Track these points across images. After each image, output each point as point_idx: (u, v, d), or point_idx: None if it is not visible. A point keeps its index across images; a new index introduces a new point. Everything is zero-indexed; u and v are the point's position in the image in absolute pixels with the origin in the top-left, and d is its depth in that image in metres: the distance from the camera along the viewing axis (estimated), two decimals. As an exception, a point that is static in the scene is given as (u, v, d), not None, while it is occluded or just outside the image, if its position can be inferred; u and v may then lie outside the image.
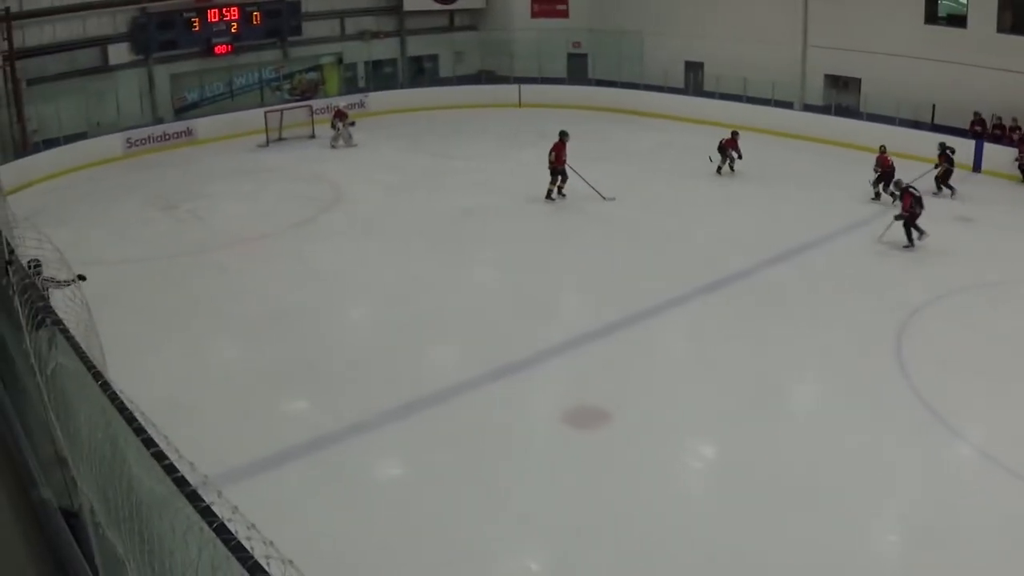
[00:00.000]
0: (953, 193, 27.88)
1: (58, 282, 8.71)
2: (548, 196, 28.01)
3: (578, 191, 28.24)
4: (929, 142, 30.97)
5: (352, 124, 36.60)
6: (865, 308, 19.27)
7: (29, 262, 9.00)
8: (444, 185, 29.95)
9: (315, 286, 21.36)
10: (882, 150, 28.28)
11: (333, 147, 36.08)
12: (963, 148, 30.51)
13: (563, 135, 27.91)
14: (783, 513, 12.44)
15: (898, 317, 18.64)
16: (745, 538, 11.90)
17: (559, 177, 27.87)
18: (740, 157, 30.81)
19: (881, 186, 27.26)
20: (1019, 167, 29.56)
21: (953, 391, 15.67)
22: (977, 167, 30.41)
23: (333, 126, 36.25)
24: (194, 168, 33.02)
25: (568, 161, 27.69)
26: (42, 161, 31.68)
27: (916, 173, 27.18)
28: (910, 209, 23.27)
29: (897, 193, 24.04)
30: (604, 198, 27.76)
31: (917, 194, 23.54)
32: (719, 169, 31.02)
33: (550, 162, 27.83)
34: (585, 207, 26.89)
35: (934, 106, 32.37)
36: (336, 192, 29.51)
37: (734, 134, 31.42)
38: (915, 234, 23.32)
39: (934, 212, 24.49)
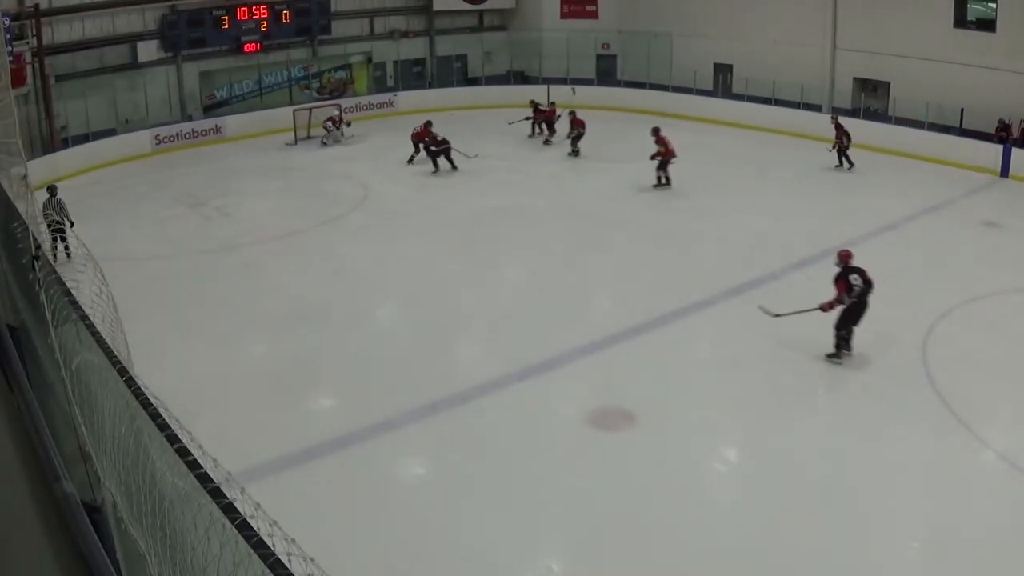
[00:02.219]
0: (549, 134, 36.05)
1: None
2: (409, 161, 32.86)
3: (608, 191, 28.29)
4: (958, 146, 31.00)
5: (348, 124, 37.59)
6: (891, 311, 19.12)
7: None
8: (472, 185, 29.97)
9: (342, 284, 21.42)
10: (572, 113, 34.67)
11: (324, 144, 36.55)
12: (990, 154, 30.42)
13: (428, 124, 32.86)
14: (806, 516, 12.38)
15: (924, 321, 18.53)
16: (768, 541, 11.85)
17: (418, 148, 32.56)
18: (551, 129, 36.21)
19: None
20: (837, 153, 31.35)
21: (978, 397, 15.57)
22: (1004, 172, 30.21)
23: (326, 127, 36.69)
24: (222, 165, 33.14)
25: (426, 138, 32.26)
26: (70, 157, 31.85)
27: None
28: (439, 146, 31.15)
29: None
30: (468, 156, 32.06)
31: (440, 137, 31.33)
32: (537, 135, 36.80)
33: (412, 135, 32.90)
34: (612, 209, 26.86)
35: (962, 110, 32.20)
36: (364, 191, 29.55)
37: (552, 104, 37.25)
38: (447, 165, 31.35)
39: (955, 217, 24.57)
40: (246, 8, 39.85)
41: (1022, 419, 15.15)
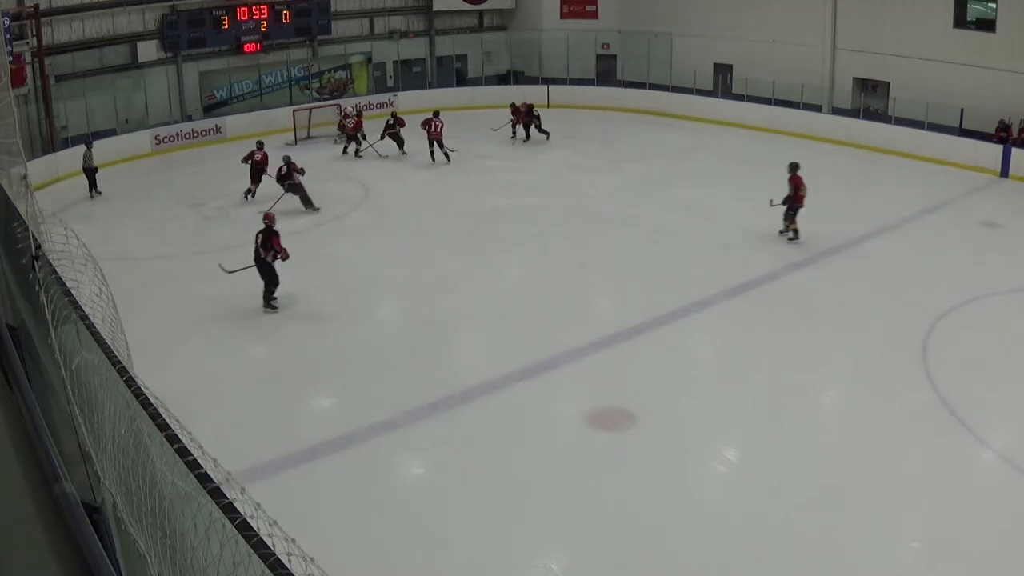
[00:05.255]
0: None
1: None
2: (356, 155, 34.75)
3: (607, 190, 28.31)
4: (958, 146, 31.00)
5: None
6: (891, 312, 19.17)
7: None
8: (471, 185, 29.99)
9: (343, 284, 21.40)
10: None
11: (336, 143, 36.24)
12: (990, 154, 30.42)
13: (360, 111, 36.32)
14: (805, 516, 12.38)
15: (924, 321, 18.53)
16: (768, 541, 11.85)
17: (360, 138, 34.68)
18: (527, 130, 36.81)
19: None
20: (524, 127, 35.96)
21: (978, 396, 15.57)
22: (1004, 173, 30.21)
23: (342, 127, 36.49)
24: (222, 165, 33.09)
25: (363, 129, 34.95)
26: (70, 157, 31.76)
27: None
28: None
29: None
30: (380, 155, 34.00)
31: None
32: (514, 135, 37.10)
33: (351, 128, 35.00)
34: (612, 209, 26.87)
35: (962, 110, 32.18)
36: (364, 191, 29.58)
37: (527, 106, 37.06)
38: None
39: (955, 217, 24.68)
40: (246, 8, 39.93)
41: (1022, 419, 15.13)
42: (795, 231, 23.66)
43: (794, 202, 23.43)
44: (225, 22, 39.45)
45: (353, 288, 21.21)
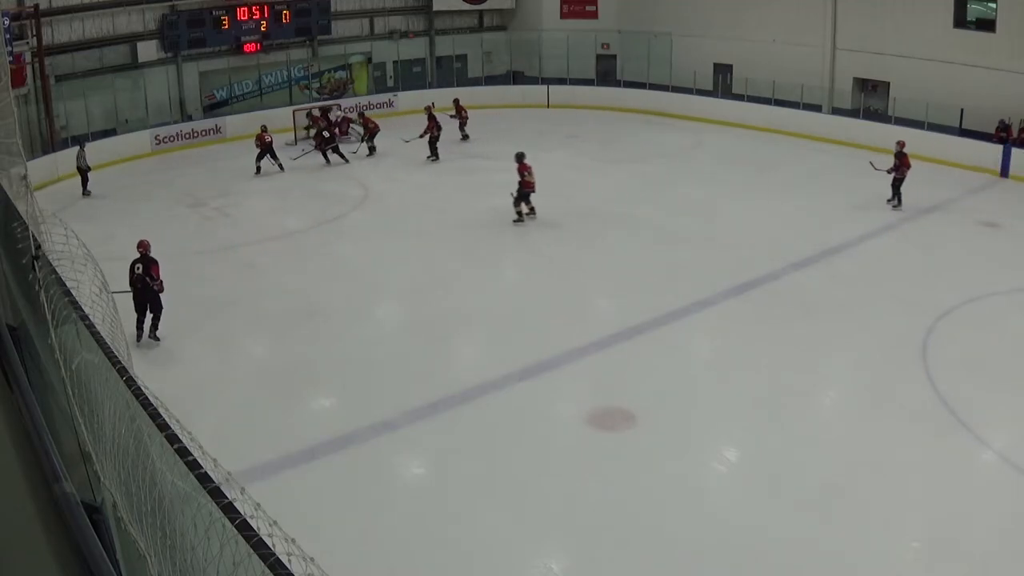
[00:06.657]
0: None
1: None
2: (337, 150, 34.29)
3: (607, 190, 28.28)
4: (958, 146, 30.99)
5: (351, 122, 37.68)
6: (891, 312, 19.14)
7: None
8: (472, 185, 29.93)
9: (342, 284, 21.40)
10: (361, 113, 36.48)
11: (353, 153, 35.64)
12: (990, 154, 30.40)
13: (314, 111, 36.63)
14: (806, 516, 12.37)
15: (924, 322, 18.50)
16: (768, 541, 11.84)
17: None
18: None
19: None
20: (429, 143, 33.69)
21: (978, 397, 15.55)
22: (1004, 173, 30.20)
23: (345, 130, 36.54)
24: (222, 165, 33.13)
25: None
26: (70, 157, 31.72)
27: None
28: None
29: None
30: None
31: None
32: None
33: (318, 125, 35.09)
34: (612, 209, 26.85)
35: (962, 110, 32.16)
36: (364, 190, 29.56)
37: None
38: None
39: (955, 218, 24.64)
40: (246, 8, 39.91)
41: (1022, 419, 15.11)
42: (519, 214, 25.81)
43: (523, 188, 25.67)
44: (225, 22, 39.44)
45: (352, 288, 21.20)
